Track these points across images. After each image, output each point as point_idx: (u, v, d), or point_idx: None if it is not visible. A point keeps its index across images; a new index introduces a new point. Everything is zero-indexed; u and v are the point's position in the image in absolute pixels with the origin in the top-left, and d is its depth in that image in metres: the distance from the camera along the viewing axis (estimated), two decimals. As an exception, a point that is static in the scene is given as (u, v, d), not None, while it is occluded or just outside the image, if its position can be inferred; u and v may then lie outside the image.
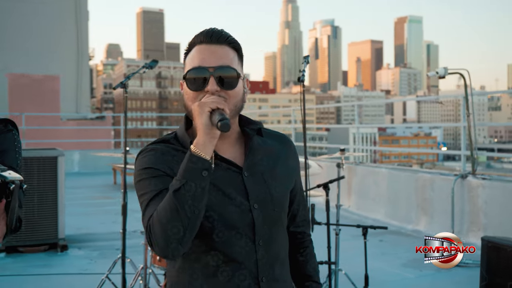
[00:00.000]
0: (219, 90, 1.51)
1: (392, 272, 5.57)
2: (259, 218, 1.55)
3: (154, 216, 1.41)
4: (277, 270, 1.60)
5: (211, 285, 1.53)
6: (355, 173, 8.98)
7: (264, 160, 1.63)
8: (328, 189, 4.22)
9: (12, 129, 2.29)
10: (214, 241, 1.51)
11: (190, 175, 1.38)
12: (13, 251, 6.18)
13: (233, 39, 1.60)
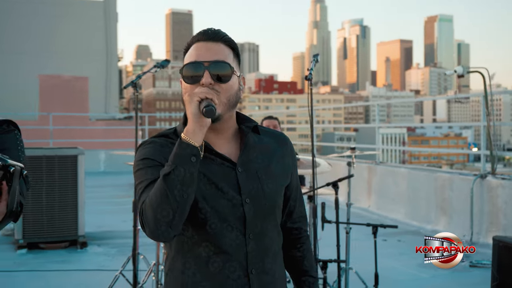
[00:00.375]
0: (213, 83, 1.56)
1: (406, 272, 5.54)
2: (250, 212, 1.59)
3: (146, 201, 1.47)
4: (268, 263, 1.63)
5: (203, 274, 1.58)
6: (375, 173, 8.93)
7: (259, 157, 1.67)
8: (337, 188, 4.21)
9: (13, 129, 2.38)
10: (207, 232, 1.56)
11: (180, 160, 1.43)
12: (35, 247, 6.33)
13: (229, 38, 1.66)
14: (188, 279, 1.60)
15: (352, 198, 9.28)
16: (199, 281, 1.59)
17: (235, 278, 1.58)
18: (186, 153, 1.43)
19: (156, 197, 1.43)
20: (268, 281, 1.64)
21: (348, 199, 4.54)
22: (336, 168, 10.66)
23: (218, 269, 1.57)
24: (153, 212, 1.43)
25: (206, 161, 1.59)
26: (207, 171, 1.58)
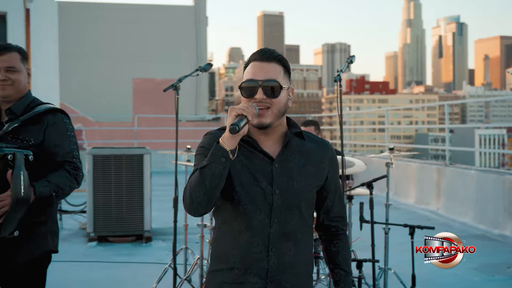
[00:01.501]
0: (265, 98, 1.89)
1: (458, 275, 5.41)
2: (278, 201, 1.91)
3: (189, 183, 1.87)
4: (287, 246, 1.93)
5: (235, 244, 1.94)
6: (444, 175, 8.72)
7: (296, 157, 1.98)
8: (372, 188, 4.22)
9: (62, 118, 2.65)
10: (239, 211, 1.91)
11: (213, 159, 1.80)
12: (104, 240, 6.77)
13: (281, 57, 1.97)
14: (225, 246, 1.96)
15: (421, 200, 9.19)
16: (230, 249, 1.94)
17: (257, 252, 1.91)
18: (219, 154, 1.79)
19: (193, 183, 1.83)
20: (286, 261, 1.92)
21: (386, 199, 4.51)
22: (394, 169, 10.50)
23: (245, 242, 1.92)
24: (190, 193, 1.85)
25: (251, 154, 1.95)
26: (249, 162, 1.94)
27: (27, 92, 2.68)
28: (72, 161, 2.61)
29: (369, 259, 4.14)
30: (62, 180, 2.52)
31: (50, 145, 2.57)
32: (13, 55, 2.61)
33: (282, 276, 1.92)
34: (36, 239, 2.55)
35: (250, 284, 1.91)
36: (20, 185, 2.28)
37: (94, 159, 6.73)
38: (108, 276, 5.49)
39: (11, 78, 2.57)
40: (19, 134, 2.54)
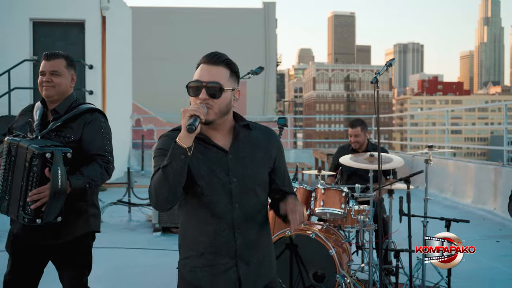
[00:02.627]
0: (207, 98, 2.10)
1: (505, 272, 5.56)
2: (236, 188, 2.16)
3: (152, 182, 2.08)
4: (250, 227, 2.19)
5: (202, 231, 2.17)
6: (501, 175, 8.74)
7: (246, 147, 2.22)
8: (408, 183, 4.49)
9: (98, 116, 3.07)
10: (203, 201, 2.15)
11: (173, 157, 2.00)
12: (168, 231, 7.32)
13: (228, 61, 2.17)
14: (193, 235, 2.21)
15: (478, 200, 9.26)
16: (198, 236, 2.19)
17: (224, 235, 2.15)
18: (178, 153, 1.99)
19: (157, 181, 2.04)
20: (251, 240, 2.19)
21: (425, 194, 4.76)
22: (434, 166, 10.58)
23: (213, 228, 2.16)
24: (155, 191, 2.05)
25: (206, 149, 2.17)
26: (205, 157, 2.16)
27: (70, 94, 3.09)
28: (104, 154, 3.01)
29: (406, 249, 4.42)
30: (94, 173, 2.92)
31: (85, 141, 2.98)
32: (59, 61, 3.04)
33: (249, 253, 2.18)
34: (79, 221, 2.99)
35: (221, 265, 2.14)
36: (58, 179, 2.70)
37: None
38: (170, 262, 5.97)
39: (53, 80, 2.99)
40: (61, 131, 2.96)
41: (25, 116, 3.11)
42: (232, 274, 2.16)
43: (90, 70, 12.38)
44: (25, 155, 2.73)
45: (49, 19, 12.46)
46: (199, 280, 2.17)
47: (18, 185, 2.76)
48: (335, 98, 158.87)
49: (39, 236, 2.92)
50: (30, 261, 3.00)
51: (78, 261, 3.04)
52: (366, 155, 4.77)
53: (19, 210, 2.74)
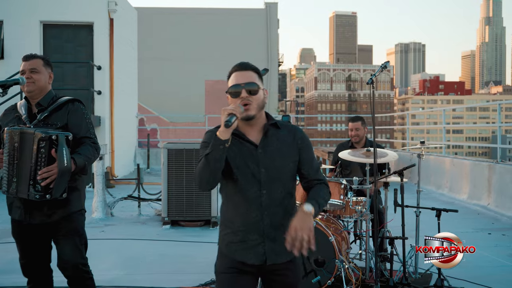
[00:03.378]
0: (248, 96, 2.54)
1: (494, 260, 5.92)
2: (264, 177, 2.58)
3: (197, 167, 2.54)
4: (276, 211, 2.58)
5: (236, 212, 2.61)
6: (494, 171, 9.12)
7: (274, 142, 2.63)
8: (402, 176, 4.87)
9: (79, 105, 3.44)
10: (238, 187, 2.58)
11: (214, 147, 2.45)
12: (176, 224, 7.71)
13: (254, 67, 2.65)
14: (229, 215, 2.64)
15: (473, 196, 9.65)
16: (233, 217, 2.62)
17: (254, 216, 2.58)
18: (217, 144, 2.44)
19: (201, 167, 2.50)
20: (276, 221, 2.60)
21: (418, 186, 5.14)
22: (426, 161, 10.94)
23: (244, 210, 2.59)
24: (199, 174, 2.52)
25: (241, 144, 2.60)
26: (240, 150, 2.59)
27: (50, 90, 3.47)
28: (90, 137, 3.41)
29: (400, 237, 4.81)
30: (88, 152, 3.32)
31: (72, 126, 3.35)
32: (36, 61, 3.43)
33: (275, 232, 2.57)
34: (73, 199, 3.34)
35: (251, 241, 2.57)
36: (63, 158, 3.10)
37: (168, 152, 7.66)
38: (180, 251, 6.39)
39: (33, 77, 3.37)
40: (48, 120, 3.34)
41: (9, 114, 3.47)
42: (260, 249, 2.57)
43: (99, 71, 12.76)
44: (32, 139, 3.10)
45: (58, 22, 12.86)
46: (233, 253, 2.60)
47: (27, 166, 3.11)
48: (337, 97, 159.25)
49: (40, 216, 3.28)
50: (35, 240, 3.37)
51: (75, 234, 3.38)
52: (363, 150, 5.15)
53: (30, 188, 3.10)
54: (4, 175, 3.22)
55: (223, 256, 2.65)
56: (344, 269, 4.59)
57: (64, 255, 3.32)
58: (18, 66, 11.96)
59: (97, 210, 8.35)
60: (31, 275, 3.42)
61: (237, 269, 2.59)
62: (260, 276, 2.67)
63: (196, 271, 5.43)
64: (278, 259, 2.59)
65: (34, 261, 3.40)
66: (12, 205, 3.38)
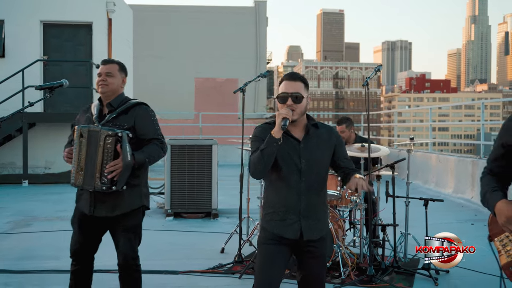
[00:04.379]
0: (292, 104, 3.03)
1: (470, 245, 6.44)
2: (305, 167, 3.07)
3: (252, 159, 3.03)
4: (312, 195, 3.08)
5: (279, 196, 3.09)
6: (478, 167, 9.67)
7: (314, 139, 3.13)
8: (393, 169, 5.36)
9: (146, 108, 3.82)
10: (281, 175, 3.07)
11: (269, 144, 2.95)
12: (179, 216, 8.16)
13: (302, 77, 3.13)
14: (272, 198, 3.12)
15: (458, 190, 10.18)
16: (276, 199, 3.10)
17: (293, 199, 3.07)
18: (272, 141, 2.95)
19: (256, 159, 2.99)
20: (311, 204, 3.10)
21: (407, 178, 5.63)
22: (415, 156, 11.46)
23: (285, 194, 3.08)
24: (254, 165, 3.01)
25: (286, 139, 3.06)
26: (286, 145, 3.06)
27: (121, 93, 3.83)
28: (158, 138, 3.77)
29: (391, 224, 5.31)
30: (152, 150, 3.69)
31: (140, 128, 3.72)
32: (113, 66, 3.81)
33: (309, 212, 3.07)
34: (134, 197, 3.69)
35: (289, 219, 3.06)
36: (127, 153, 3.48)
37: (171, 148, 8.09)
38: (186, 240, 6.84)
39: (107, 80, 3.74)
40: (116, 121, 3.70)
41: (83, 115, 3.87)
42: (296, 226, 3.06)
43: (97, 69, 13.12)
44: (99, 136, 3.49)
45: (58, 21, 13.24)
46: (273, 229, 3.08)
47: (93, 161, 3.50)
48: (324, 95, 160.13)
49: (104, 209, 3.66)
50: (93, 231, 3.76)
51: (131, 230, 3.73)
52: (358, 145, 5.64)
53: (96, 181, 3.50)
54: (72, 169, 3.60)
55: (265, 230, 3.13)
56: (341, 254, 5.08)
57: (118, 247, 3.71)
58: (19, 64, 12.57)
59: (102, 203, 8.76)
60: (79, 259, 3.80)
61: (276, 241, 3.07)
62: (294, 249, 3.13)
63: (203, 257, 5.90)
64: (312, 235, 3.08)
65: (85, 247, 3.78)
66: (80, 197, 3.76)
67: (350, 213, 5.91)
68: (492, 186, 2.81)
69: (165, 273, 5.29)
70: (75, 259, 3.82)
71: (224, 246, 6.18)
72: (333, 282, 4.95)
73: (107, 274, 4.98)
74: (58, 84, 3.74)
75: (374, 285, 4.89)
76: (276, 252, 3.06)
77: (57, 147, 12.82)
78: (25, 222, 7.84)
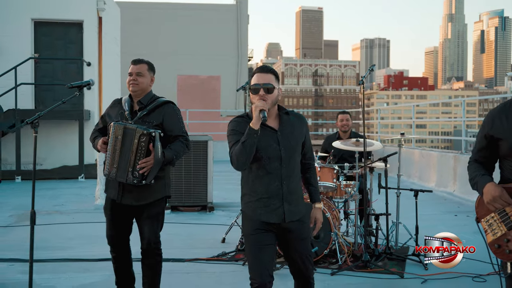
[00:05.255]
0: (264, 94, 3.23)
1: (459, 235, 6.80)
2: (284, 154, 3.27)
3: (233, 152, 3.21)
4: (292, 179, 3.31)
5: (260, 183, 3.27)
6: (459, 162, 10.12)
7: (288, 127, 3.34)
8: (386, 162, 5.74)
9: (173, 107, 4.12)
10: (262, 163, 3.26)
11: (249, 136, 3.12)
12: (176, 209, 8.46)
13: (273, 70, 3.34)
14: (253, 186, 3.33)
15: (440, 183, 10.64)
16: (258, 187, 3.30)
17: (275, 185, 3.27)
18: (252, 133, 3.12)
19: (238, 151, 3.16)
20: (291, 188, 3.35)
21: (398, 171, 6.02)
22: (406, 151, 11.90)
23: (267, 181, 3.27)
24: (236, 157, 3.18)
25: (264, 129, 3.30)
26: (264, 135, 3.27)
27: (150, 91, 4.12)
28: (183, 135, 4.07)
29: (384, 213, 5.68)
30: (178, 147, 3.99)
31: (167, 125, 4.01)
32: (143, 66, 4.08)
33: (291, 196, 3.29)
34: (159, 187, 4.02)
35: (273, 205, 3.25)
36: (158, 151, 3.81)
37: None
38: (187, 231, 7.15)
39: (138, 79, 4.02)
40: (146, 118, 3.99)
41: (115, 107, 4.13)
42: (280, 210, 3.29)
43: (88, 67, 13.35)
44: (134, 134, 3.79)
45: (49, 19, 13.40)
46: (259, 216, 3.31)
47: (127, 156, 3.80)
48: (303, 92, 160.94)
49: (130, 198, 3.97)
50: (122, 217, 4.06)
51: (155, 218, 4.04)
52: (353, 140, 6.01)
53: (128, 174, 3.81)
54: (106, 161, 3.89)
55: (249, 220, 3.32)
56: (338, 241, 5.44)
57: (142, 233, 4.01)
58: (11, 61, 12.79)
59: (100, 197, 9.03)
60: (115, 245, 4.12)
61: (262, 229, 3.27)
62: (278, 233, 3.32)
63: (206, 246, 6.22)
64: (293, 217, 3.33)
65: (119, 233, 4.09)
66: (109, 185, 4.06)
67: (344, 204, 6.28)
68: (481, 172, 3.07)
69: (172, 261, 5.58)
70: (112, 245, 4.14)
71: (225, 236, 6.50)
72: (331, 267, 5.32)
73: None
74: (86, 83, 4.02)
75: (369, 270, 5.27)
76: (265, 240, 3.26)
77: (49, 144, 13.13)
78: (26, 216, 8.06)
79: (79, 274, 5.21)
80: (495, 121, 2.99)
